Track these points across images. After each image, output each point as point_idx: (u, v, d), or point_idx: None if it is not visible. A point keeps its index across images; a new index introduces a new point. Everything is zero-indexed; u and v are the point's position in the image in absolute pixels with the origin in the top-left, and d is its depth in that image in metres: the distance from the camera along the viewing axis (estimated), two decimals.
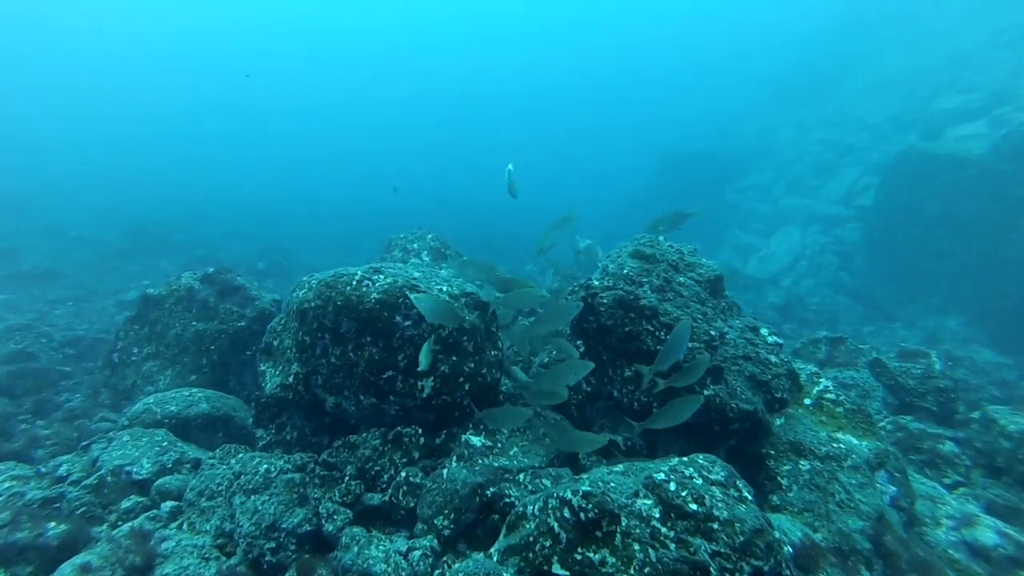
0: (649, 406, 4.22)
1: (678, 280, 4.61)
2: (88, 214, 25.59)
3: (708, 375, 3.99)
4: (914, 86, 25.34)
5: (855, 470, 3.47)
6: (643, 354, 4.18)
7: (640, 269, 4.56)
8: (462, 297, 4.54)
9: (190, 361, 6.71)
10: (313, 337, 4.34)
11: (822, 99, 30.67)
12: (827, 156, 25.72)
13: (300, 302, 4.44)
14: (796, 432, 3.94)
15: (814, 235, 21.34)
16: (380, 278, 4.27)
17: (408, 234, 9.52)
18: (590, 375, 4.90)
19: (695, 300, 4.50)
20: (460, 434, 4.24)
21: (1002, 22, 25.22)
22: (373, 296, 4.09)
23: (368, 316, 4.06)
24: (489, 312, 4.73)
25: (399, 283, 4.21)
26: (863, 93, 28.50)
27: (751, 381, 4.20)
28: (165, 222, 25.29)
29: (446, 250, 9.36)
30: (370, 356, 4.12)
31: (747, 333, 4.55)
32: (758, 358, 4.35)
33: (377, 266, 4.46)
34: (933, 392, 5.48)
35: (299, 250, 25.04)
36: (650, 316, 4.20)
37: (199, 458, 4.71)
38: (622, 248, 5.04)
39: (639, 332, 4.20)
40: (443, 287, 4.50)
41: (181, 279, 7.26)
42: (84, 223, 23.56)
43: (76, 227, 22.71)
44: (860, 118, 26.04)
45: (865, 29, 33.81)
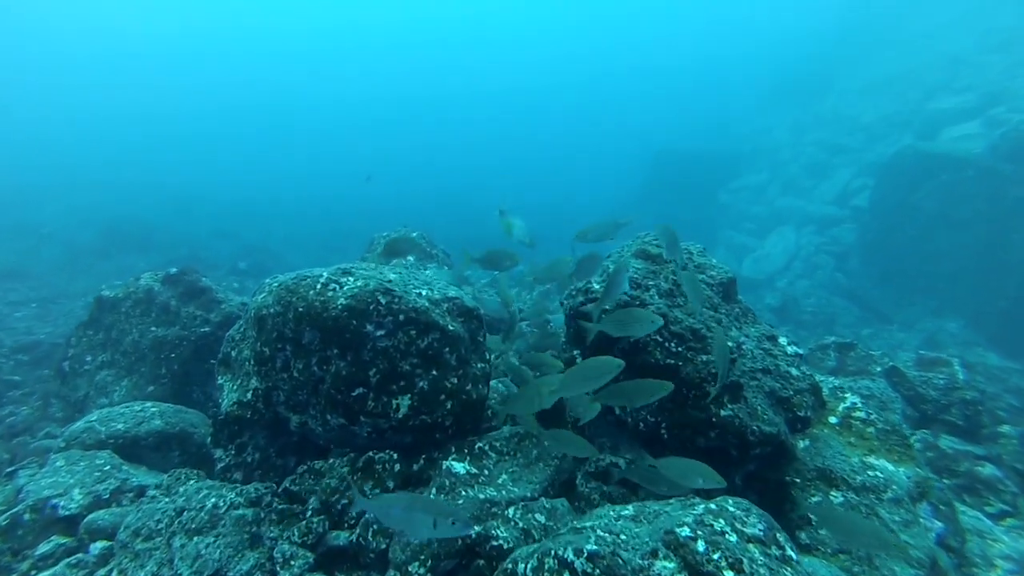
0: (656, 427, 3.71)
1: None
2: (63, 212, 24.68)
3: (725, 392, 3.49)
4: (907, 87, 25.32)
5: (897, 504, 3.00)
6: (650, 368, 3.67)
7: (646, 271, 4.06)
8: (444, 302, 4.00)
9: (148, 370, 6.11)
10: (272, 348, 3.78)
11: (816, 100, 30.62)
12: (821, 157, 25.60)
13: (258, 308, 3.87)
14: (824, 457, 3.45)
15: (808, 236, 21.13)
16: (349, 281, 3.71)
17: (392, 232, 8.97)
18: None
19: (707, 305, 4.00)
20: (441, 460, 3.70)
21: (991, 24, 25.34)
22: (340, 302, 3.54)
23: (334, 325, 3.51)
24: (475, 319, 4.19)
25: (370, 287, 3.66)
26: (856, 94, 28.46)
27: (771, 398, 3.71)
28: (145, 220, 24.49)
29: (433, 249, 8.81)
30: (337, 371, 3.57)
31: (764, 342, 4.07)
32: (778, 371, 3.87)
33: (347, 267, 3.91)
34: (958, 404, 5.04)
35: (285, 250, 24.37)
36: (659, 324, 3.69)
37: (145, 485, 4.13)
38: (624, 248, 4.53)
39: (646, 343, 3.69)
40: (423, 290, 3.96)
41: (140, 280, 6.64)
42: (58, 221, 22.69)
43: (49, 225, 21.83)
44: (854, 118, 25.94)
45: (857, 31, 33.88)
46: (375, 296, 3.62)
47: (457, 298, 4.09)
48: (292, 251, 24.33)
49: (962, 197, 14.70)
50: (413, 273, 4.29)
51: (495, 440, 3.96)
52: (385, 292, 3.67)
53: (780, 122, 30.81)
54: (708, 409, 3.47)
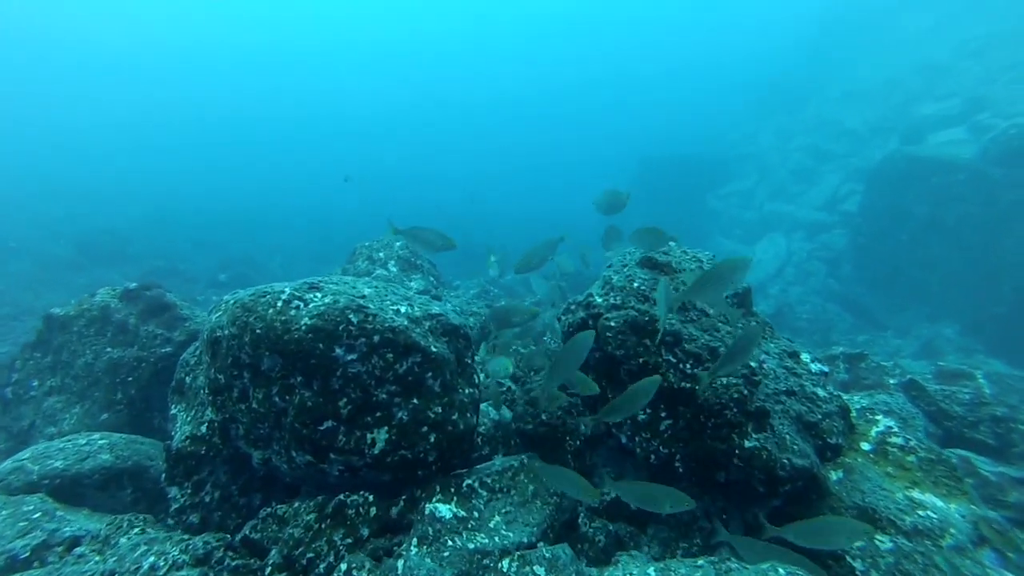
0: (670, 459, 3.25)
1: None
2: (32, 223, 23.73)
3: (749, 420, 3.05)
4: (889, 93, 25.61)
5: (959, 552, 2.57)
6: (662, 392, 3.22)
7: (654, 282, 3.61)
8: (426, 320, 3.52)
9: (102, 396, 5.52)
10: (228, 376, 3.27)
11: (800, 106, 30.87)
12: (808, 162, 25.70)
13: (212, 329, 3.36)
14: (863, 492, 3.02)
15: (799, 242, 21.06)
16: (315, 298, 3.22)
17: (374, 242, 8.49)
18: (592, 411, 3.93)
19: (723, 320, 3.57)
20: (424, 501, 3.21)
21: (966, 33, 25.78)
22: (304, 322, 3.05)
23: (297, 349, 3.01)
24: (462, 338, 3.72)
25: (340, 304, 3.17)
26: (840, 100, 28.71)
27: (798, 423, 3.27)
28: (121, 231, 23.67)
29: (417, 259, 8.34)
30: (301, 402, 3.07)
31: (786, 360, 3.64)
32: (803, 392, 3.44)
33: (314, 281, 3.42)
34: (987, 421, 4.66)
35: (270, 261, 23.68)
36: (671, 343, 3.25)
37: (81, 535, 3.57)
38: (627, 255, 4.10)
39: (657, 365, 3.24)
40: (401, 307, 3.47)
41: (95, 296, 6.05)
42: (27, 233, 21.76)
43: (17, 237, 20.93)
44: (838, 123, 26.10)
45: (838, 38, 34.35)
46: (345, 315, 3.13)
47: (441, 315, 3.62)
48: (277, 262, 23.67)
49: (954, 201, 14.60)
50: (391, 287, 3.80)
51: (486, 475, 3.48)
52: (357, 310, 3.18)
53: (765, 128, 30.98)
54: (730, 439, 3.02)
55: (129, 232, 24.27)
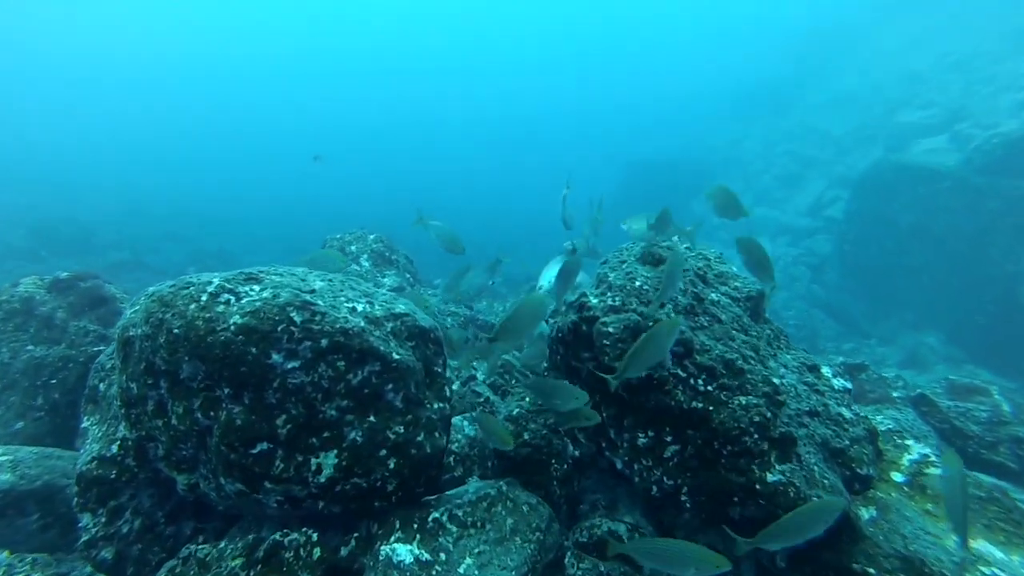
0: (675, 492, 2.74)
1: (711, 297, 3.18)
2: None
3: (773, 449, 2.55)
4: (871, 102, 25.92)
5: None
6: (670, 412, 2.71)
7: (656, 280, 3.10)
8: (388, 320, 2.95)
9: (18, 401, 4.79)
10: (142, 385, 2.65)
11: (784, 112, 31.08)
12: (793, 168, 25.84)
13: (124, 327, 2.74)
14: (904, 536, 2.54)
15: (784, 246, 21.03)
16: (251, 291, 2.62)
17: (346, 235, 7.84)
18: (580, 433, 3.40)
19: (737, 327, 3.07)
20: (380, 541, 2.64)
21: (945, 46, 26.28)
22: (233, 321, 2.45)
23: (223, 354, 2.41)
24: (432, 343, 3.15)
25: (281, 299, 2.58)
26: (823, 107, 28.99)
27: (824, 450, 2.79)
28: (85, 221, 22.45)
29: (392, 255, 7.72)
30: (229, 419, 2.47)
31: (806, 375, 3.16)
32: (828, 413, 2.96)
33: (253, 271, 2.82)
34: (1008, 442, 4.27)
35: (242, 254, 22.72)
36: (680, 354, 2.73)
37: None
38: (624, 251, 3.58)
39: (663, 379, 2.72)
40: (359, 304, 2.89)
41: (18, 286, 5.31)
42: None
43: None
44: (823, 131, 26.30)
45: (823, 47, 34.77)
46: (286, 312, 2.54)
47: (408, 315, 3.04)
48: (251, 255, 22.71)
49: (939, 210, 14.54)
50: (351, 281, 3.22)
51: (457, 506, 2.92)
52: (302, 307, 2.60)
53: (749, 133, 31.12)
54: (750, 471, 2.52)
55: (95, 222, 23.07)
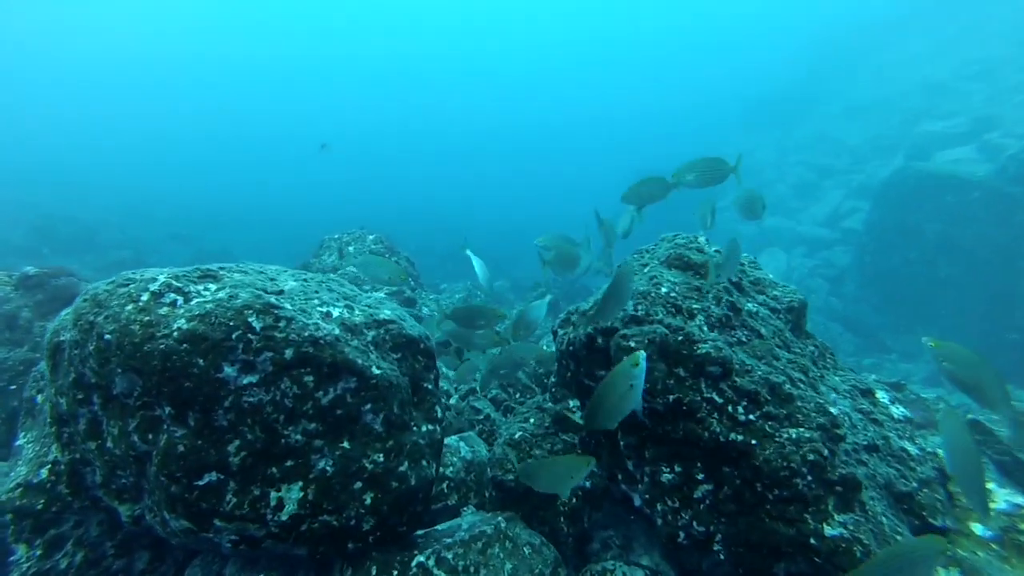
0: (707, 539, 2.27)
1: (748, 308, 2.72)
2: None
3: (830, 494, 2.08)
4: (889, 112, 25.45)
5: None
6: (701, 445, 2.24)
7: (687, 288, 2.65)
8: (370, 329, 2.52)
9: None
10: (71, 400, 2.24)
11: (798, 122, 30.63)
12: (809, 177, 25.35)
13: (55, 330, 2.33)
14: None
15: (799, 258, 20.49)
16: (204, 291, 2.21)
17: (345, 234, 7.48)
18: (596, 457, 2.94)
19: (780, 343, 2.60)
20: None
21: (967, 55, 25.72)
22: (178, 326, 2.03)
23: (163, 365, 1.99)
24: (421, 355, 2.71)
25: (238, 301, 2.16)
26: (840, 117, 28.51)
27: (888, 494, 2.31)
28: (88, 220, 22.39)
29: (392, 256, 7.33)
30: (170, 445, 2.04)
31: (860, 401, 2.69)
32: (889, 448, 2.48)
33: (211, 268, 2.40)
34: None
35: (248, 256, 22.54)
36: (717, 376, 2.27)
37: None
38: (646, 252, 3.13)
39: (695, 405, 2.26)
40: (335, 309, 2.46)
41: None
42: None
43: None
44: (839, 140, 25.82)
45: (838, 56, 34.34)
46: (243, 317, 2.11)
47: (393, 321, 2.61)
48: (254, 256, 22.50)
49: (967, 220, 13.94)
50: (331, 282, 2.79)
51: (446, 547, 2.48)
52: (264, 311, 2.17)
53: (763, 143, 30.67)
54: (802, 521, 2.04)
55: (99, 221, 23.03)
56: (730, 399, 2.25)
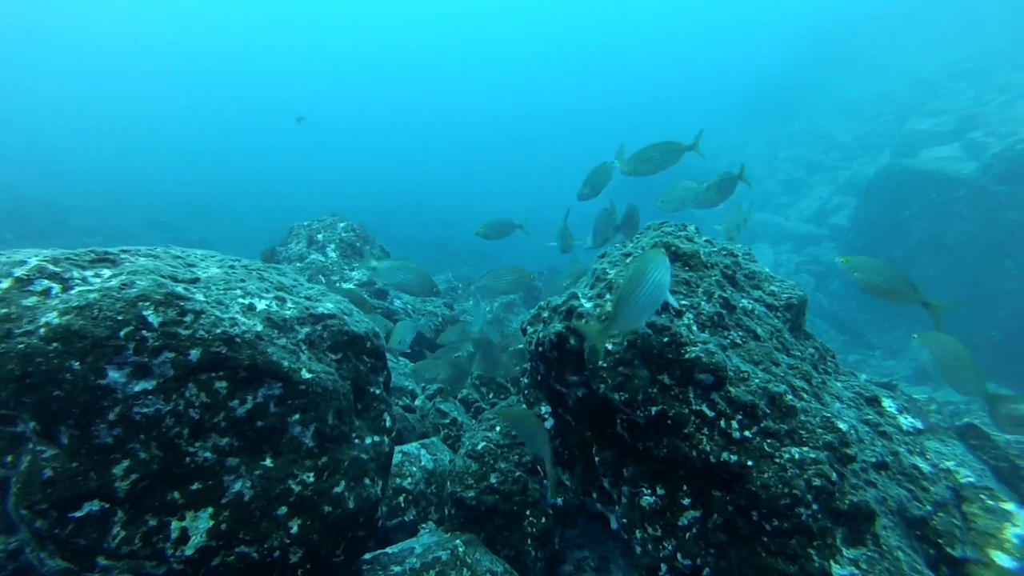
0: (694, 573, 1.94)
1: (742, 304, 2.39)
2: None
3: (839, 525, 1.76)
4: (879, 109, 25.43)
5: None
6: (688, 464, 1.92)
7: (676, 281, 2.31)
8: (303, 324, 2.14)
9: None
10: None
11: (789, 117, 30.58)
12: (797, 173, 25.32)
13: None
14: None
15: (787, 253, 20.43)
16: (94, 280, 1.82)
17: (315, 222, 7.04)
18: (568, 470, 2.63)
19: (779, 346, 2.28)
20: None
21: (958, 53, 25.77)
22: (46, 321, 1.64)
23: (24, 370, 1.60)
24: (368, 354, 2.35)
25: (133, 292, 1.77)
26: (829, 113, 28.49)
27: (901, 521, 2.00)
28: (61, 205, 21.54)
29: (365, 245, 6.91)
30: (34, 469, 1.65)
31: (865, 410, 2.39)
32: (899, 466, 2.18)
33: (110, 251, 2.01)
34: None
35: (225, 244, 21.89)
36: (708, 385, 1.94)
37: None
38: (631, 242, 2.79)
39: (681, 418, 1.93)
40: (259, 301, 2.08)
41: None
42: None
43: None
44: (829, 136, 25.76)
45: (828, 53, 34.35)
46: (136, 310, 1.72)
47: (332, 317, 2.23)
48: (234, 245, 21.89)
49: (952, 218, 13.89)
50: (262, 271, 2.40)
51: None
52: (165, 302, 1.78)
53: (754, 138, 30.58)
54: (805, 559, 1.72)
55: (73, 206, 22.19)
56: (723, 412, 1.92)
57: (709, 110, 35.43)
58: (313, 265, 6.01)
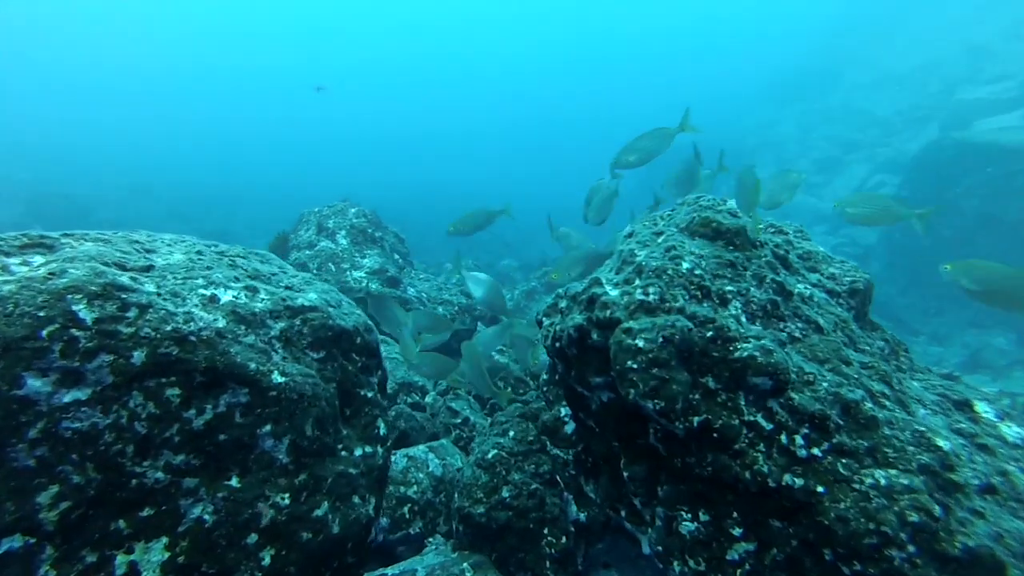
0: None
1: (799, 290, 1.98)
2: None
3: (947, 572, 1.36)
4: (926, 80, 23.85)
5: None
6: (738, 488, 1.54)
7: (719, 263, 1.92)
8: (277, 319, 1.83)
9: None
10: None
11: (823, 94, 29.11)
12: (832, 152, 24.11)
13: None
14: None
15: (820, 236, 19.48)
16: (19, 268, 1.53)
17: (325, 208, 6.79)
18: (592, 480, 2.30)
19: (846, 340, 1.87)
20: None
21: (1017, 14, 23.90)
22: None
23: None
24: (357, 352, 2.03)
25: (62, 282, 1.48)
26: (870, 87, 26.93)
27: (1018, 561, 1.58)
28: (84, 198, 22.02)
29: (377, 231, 6.63)
30: None
31: (955, 416, 1.96)
32: (1013, 490, 1.75)
33: (46, 236, 1.73)
34: None
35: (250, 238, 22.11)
36: (765, 391, 1.56)
37: None
38: (660, 218, 2.39)
39: (731, 431, 1.55)
40: (224, 292, 1.77)
41: None
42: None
43: None
44: (867, 112, 24.37)
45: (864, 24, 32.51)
46: (64, 304, 1.43)
47: (314, 309, 1.91)
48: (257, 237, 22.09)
49: (1014, 194, 12.84)
50: (243, 258, 2.10)
51: None
52: (102, 295, 1.49)
53: (786, 116, 29.24)
54: None
55: (96, 199, 22.66)
56: (783, 424, 1.53)
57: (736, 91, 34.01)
58: (323, 253, 5.76)
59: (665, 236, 2.16)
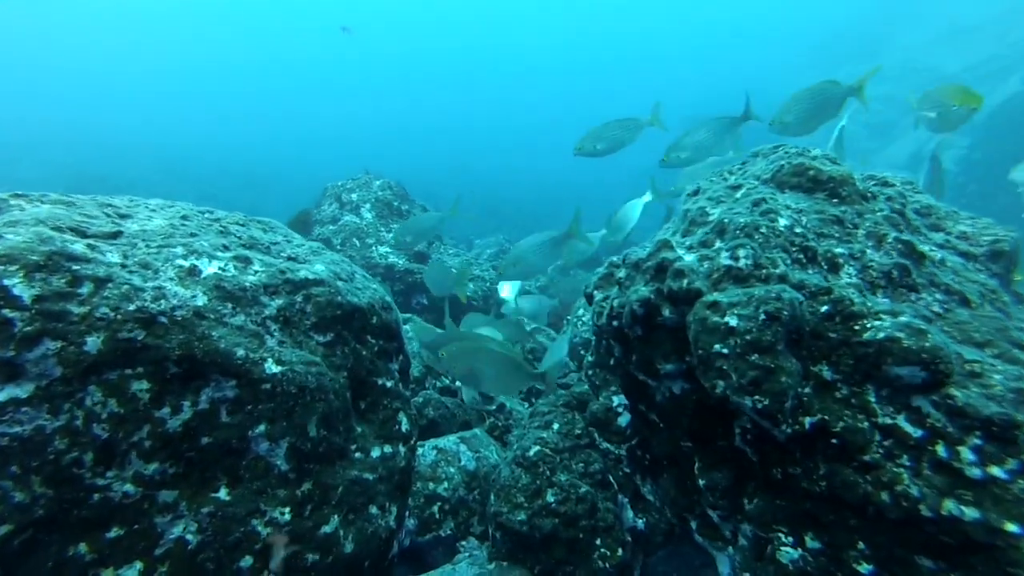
0: None
1: (930, 253, 1.53)
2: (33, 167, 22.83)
3: None
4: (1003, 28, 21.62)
5: None
6: (870, 510, 1.14)
7: (822, 219, 1.48)
8: (273, 295, 1.50)
9: None
10: None
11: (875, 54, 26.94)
12: (887, 115, 22.29)
13: None
14: None
15: None
16: None
17: (348, 181, 6.50)
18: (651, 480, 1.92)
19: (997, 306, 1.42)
20: None
21: None
22: None
23: None
24: (373, 332, 1.69)
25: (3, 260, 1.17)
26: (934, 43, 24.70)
27: None
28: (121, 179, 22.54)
29: (404, 204, 6.31)
30: None
31: None
32: None
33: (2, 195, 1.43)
34: None
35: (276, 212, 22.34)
36: (915, 386, 1.15)
37: None
38: (731, 173, 1.95)
39: (856, 437, 1.15)
40: (207, 263, 1.45)
41: None
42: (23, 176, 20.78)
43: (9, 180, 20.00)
44: (931, 68, 22.39)
45: None
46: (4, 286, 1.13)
47: (319, 283, 1.58)
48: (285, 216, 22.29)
49: None
50: (241, 227, 1.78)
51: None
52: (46, 266, 1.18)
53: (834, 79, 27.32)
54: None
55: (130, 180, 23.18)
56: (942, 432, 1.12)
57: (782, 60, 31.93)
58: (347, 227, 5.48)
59: (746, 189, 1.72)
